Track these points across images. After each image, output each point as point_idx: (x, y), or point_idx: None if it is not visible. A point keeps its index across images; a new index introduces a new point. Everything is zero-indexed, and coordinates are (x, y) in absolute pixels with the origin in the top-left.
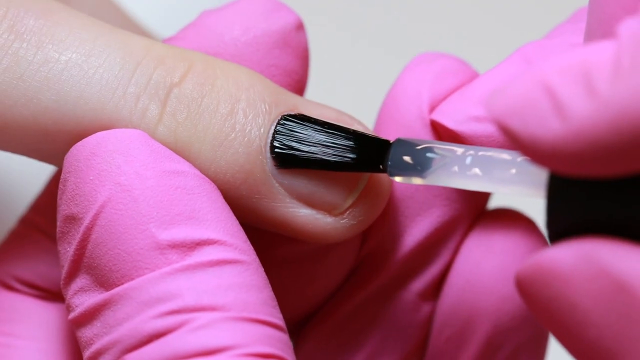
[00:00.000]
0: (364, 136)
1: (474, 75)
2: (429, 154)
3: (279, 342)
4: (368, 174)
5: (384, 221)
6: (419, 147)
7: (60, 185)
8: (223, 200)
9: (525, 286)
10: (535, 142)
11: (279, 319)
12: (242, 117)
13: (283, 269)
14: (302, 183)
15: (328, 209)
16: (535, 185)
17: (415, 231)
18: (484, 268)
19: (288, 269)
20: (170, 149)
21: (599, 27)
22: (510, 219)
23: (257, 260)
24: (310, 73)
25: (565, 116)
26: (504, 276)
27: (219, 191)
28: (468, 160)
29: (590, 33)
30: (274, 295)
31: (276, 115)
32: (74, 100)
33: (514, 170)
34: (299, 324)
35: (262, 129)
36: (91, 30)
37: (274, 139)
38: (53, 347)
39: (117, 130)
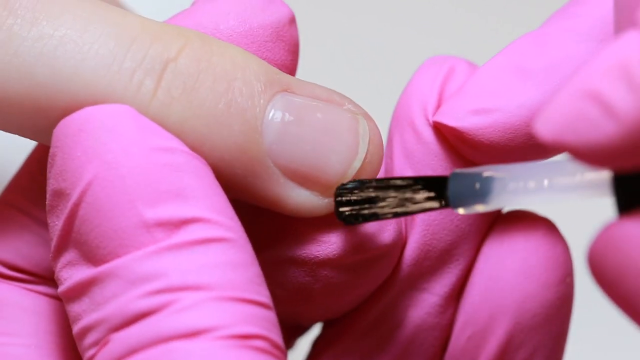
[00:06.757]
0: (420, 178)
1: None
2: (487, 180)
3: (264, 320)
4: (362, 154)
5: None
6: (476, 175)
7: (49, 159)
8: (212, 177)
9: (596, 258)
10: (594, 149)
11: (265, 297)
12: (238, 95)
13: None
14: (297, 164)
15: (322, 190)
16: (599, 184)
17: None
18: (506, 266)
19: (332, 275)
20: (164, 124)
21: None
22: (530, 219)
23: (245, 236)
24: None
25: (616, 116)
26: (526, 274)
27: (208, 168)
28: (528, 178)
29: (621, 19)
30: (260, 272)
31: (271, 95)
32: (69, 75)
33: (576, 176)
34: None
35: (257, 109)
36: (85, 7)
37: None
38: (42, 341)
39: (104, 105)
